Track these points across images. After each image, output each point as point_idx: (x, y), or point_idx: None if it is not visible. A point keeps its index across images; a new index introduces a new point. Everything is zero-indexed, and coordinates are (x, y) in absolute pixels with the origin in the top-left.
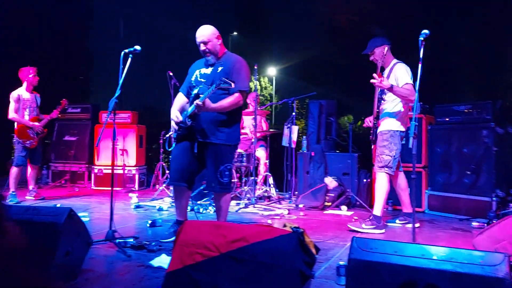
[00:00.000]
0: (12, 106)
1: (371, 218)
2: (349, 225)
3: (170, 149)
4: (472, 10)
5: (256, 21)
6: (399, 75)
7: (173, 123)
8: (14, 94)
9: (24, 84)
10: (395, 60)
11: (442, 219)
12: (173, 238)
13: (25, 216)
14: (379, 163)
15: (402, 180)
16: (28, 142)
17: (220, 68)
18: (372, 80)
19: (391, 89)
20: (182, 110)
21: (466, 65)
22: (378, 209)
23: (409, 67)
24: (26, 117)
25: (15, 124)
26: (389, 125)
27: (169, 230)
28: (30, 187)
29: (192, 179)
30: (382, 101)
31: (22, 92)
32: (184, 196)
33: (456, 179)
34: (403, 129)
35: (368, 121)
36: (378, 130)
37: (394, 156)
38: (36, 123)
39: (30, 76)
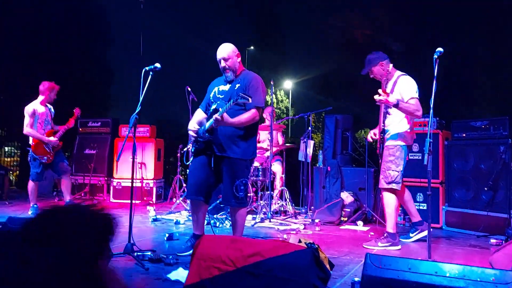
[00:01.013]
0: (27, 120)
1: (385, 235)
2: (365, 245)
3: (188, 163)
4: (489, 24)
5: (272, 35)
6: (404, 89)
7: (191, 133)
8: (29, 109)
9: (40, 98)
10: (398, 73)
11: (460, 235)
12: (190, 252)
13: None
14: (386, 178)
15: (406, 192)
16: (44, 158)
17: (237, 85)
18: (376, 97)
19: (396, 105)
20: (200, 125)
21: (483, 79)
22: (390, 225)
23: (414, 80)
24: (42, 131)
25: (30, 139)
26: (395, 140)
27: (186, 244)
28: (67, 200)
29: (210, 193)
30: (387, 115)
31: (36, 106)
32: (201, 210)
33: (474, 195)
34: (409, 143)
35: (372, 134)
36: (385, 145)
37: (402, 171)
38: (52, 138)
39: (52, 94)
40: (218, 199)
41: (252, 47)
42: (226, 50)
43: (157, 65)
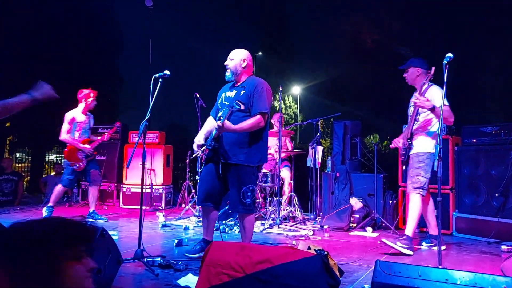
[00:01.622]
0: (65, 127)
1: (404, 237)
2: (384, 239)
3: (199, 170)
4: (500, 28)
5: (280, 40)
6: (437, 96)
7: (194, 146)
8: (68, 116)
9: (81, 106)
10: (429, 83)
11: (470, 242)
12: (199, 254)
13: None
14: (414, 184)
15: (430, 202)
16: (76, 165)
17: (242, 92)
18: (414, 100)
19: (433, 109)
20: (209, 134)
21: (493, 84)
22: (410, 229)
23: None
24: (78, 139)
25: (66, 145)
26: (425, 147)
27: (195, 247)
28: (91, 209)
29: (219, 200)
30: (416, 122)
31: (77, 113)
32: (211, 215)
33: (484, 201)
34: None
35: (397, 142)
36: (413, 151)
37: (429, 178)
38: (87, 146)
39: (90, 99)
40: (226, 205)
41: (260, 53)
42: (235, 52)
43: (167, 72)
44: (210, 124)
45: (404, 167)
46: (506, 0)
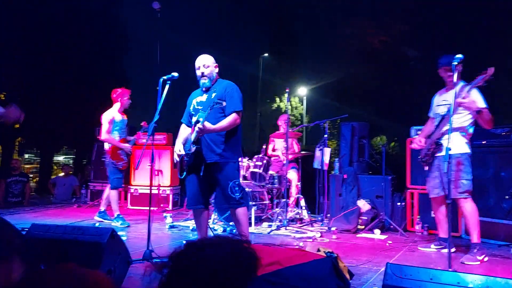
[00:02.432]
0: (105, 127)
1: (477, 247)
2: (466, 262)
3: (182, 177)
4: (511, 30)
5: (287, 42)
6: (477, 99)
7: (175, 156)
8: (108, 116)
9: (116, 106)
10: (463, 83)
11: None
12: None
13: (71, 235)
14: (459, 188)
15: (445, 205)
16: (120, 163)
17: (214, 94)
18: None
19: (480, 111)
20: (185, 142)
21: (505, 87)
22: (476, 236)
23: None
24: (117, 139)
25: (106, 145)
26: (461, 148)
27: None
28: (102, 208)
29: (208, 200)
30: (447, 123)
31: (115, 113)
32: (203, 216)
33: (494, 203)
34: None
35: (420, 142)
36: (445, 153)
37: (472, 179)
38: (127, 145)
39: (125, 98)
40: None
41: (266, 54)
42: (207, 58)
43: (175, 74)
44: (185, 131)
45: (426, 167)
46: None
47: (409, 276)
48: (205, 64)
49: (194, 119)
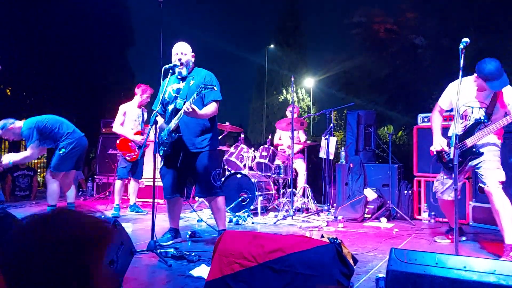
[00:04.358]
0: (117, 119)
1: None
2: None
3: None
4: None
5: (293, 33)
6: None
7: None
8: (121, 108)
9: (136, 99)
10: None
11: (487, 231)
12: (170, 242)
13: None
14: (500, 177)
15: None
16: (128, 155)
17: (192, 82)
18: None
19: None
20: (161, 129)
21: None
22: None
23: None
24: (131, 131)
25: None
26: (495, 139)
27: (166, 235)
28: (131, 202)
29: (184, 188)
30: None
31: (129, 107)
32: (178, 204)
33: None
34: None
35: (440, 147)
36: (483, 141)
37: None
38: (137, 137)
39: (145, 96)
40: (239, 197)
41: (272, 45)
42: (185, 46)
43: (177, 63)
44: (160, 119)
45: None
46: None
47: (414, 260)
48: (183, 51)
49: (170, 107)
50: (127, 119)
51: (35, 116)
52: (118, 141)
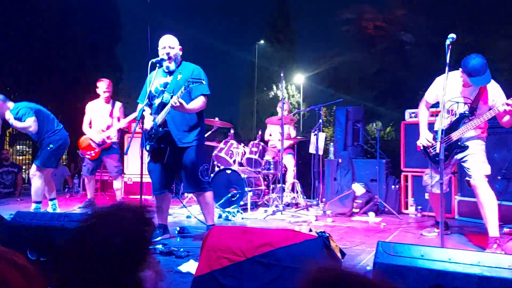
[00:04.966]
0: (85, 117)
1: (497, 242)
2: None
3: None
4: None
5: (283, 29)
6: (499, 93)
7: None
8: (87, 106)
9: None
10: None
11: (473, 225)
12: (158, 239)
13: (58, 222)
14: (486, 170)
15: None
16: (87, 153)
17: (179, 76)
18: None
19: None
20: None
21: (499, 69)
22: (497, 228)
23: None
24: (93, 128)
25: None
26: (481, 136)
27: (155, 231)
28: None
29: (172, 183)
30: (468, 120)
31: (94, 103)
32: (167, 199)
33: None
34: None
35: (426, 142)
36: (468, 135)
37: None
38: (95, 135)
39: (99, 90)
40: (229, 193)
41: (262, 41)
42: (172, 40)
43: (164, 57)
44: (147, 114)
45: (447, 160)
46: None
47: (400, 253)
48: (171, 45)
49: (157, 101)
50: (93, 116)
51: None
52: (79, 140)
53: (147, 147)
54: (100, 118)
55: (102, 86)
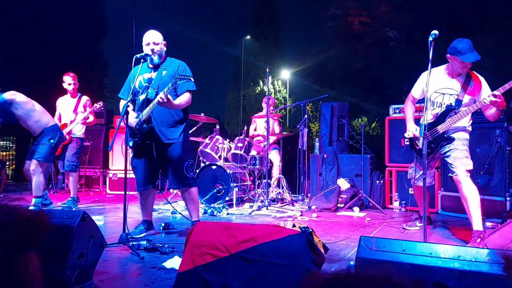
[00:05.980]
0: (56, 112)
1: (481, 236)
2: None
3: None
4: (493, 12)
5: (269, 24)
6: (485, 85)
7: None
8: (57, 101)
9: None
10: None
11: (456, 219)
12: (143, 234)
13: None
14: (468, 165)
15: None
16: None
17: (164, 72)
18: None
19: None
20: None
21: (483, 66)
22: (480, 222)
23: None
24: (58, 122)
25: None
26: (465, 133)
27: (139, 227)
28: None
29: (156, 179)
30: (453, 112)
31: (61, 99)
32: (151, 195)
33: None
34: None
35: (411, 134)
36: (455, 125)
37: None
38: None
39: (63, 83)
40: (215, 189)
41: (248, 37)
42: (156, 35)
43: (148, 52)
44: (130, 110)
45: (432, 153)
46: None
47: (382, 248)
48: (155, 41)
49: (141, 97)
50: (60, 112)
51: None
52: None
53: (130, 143)
54: (65, 113)
55: (67, 79)
